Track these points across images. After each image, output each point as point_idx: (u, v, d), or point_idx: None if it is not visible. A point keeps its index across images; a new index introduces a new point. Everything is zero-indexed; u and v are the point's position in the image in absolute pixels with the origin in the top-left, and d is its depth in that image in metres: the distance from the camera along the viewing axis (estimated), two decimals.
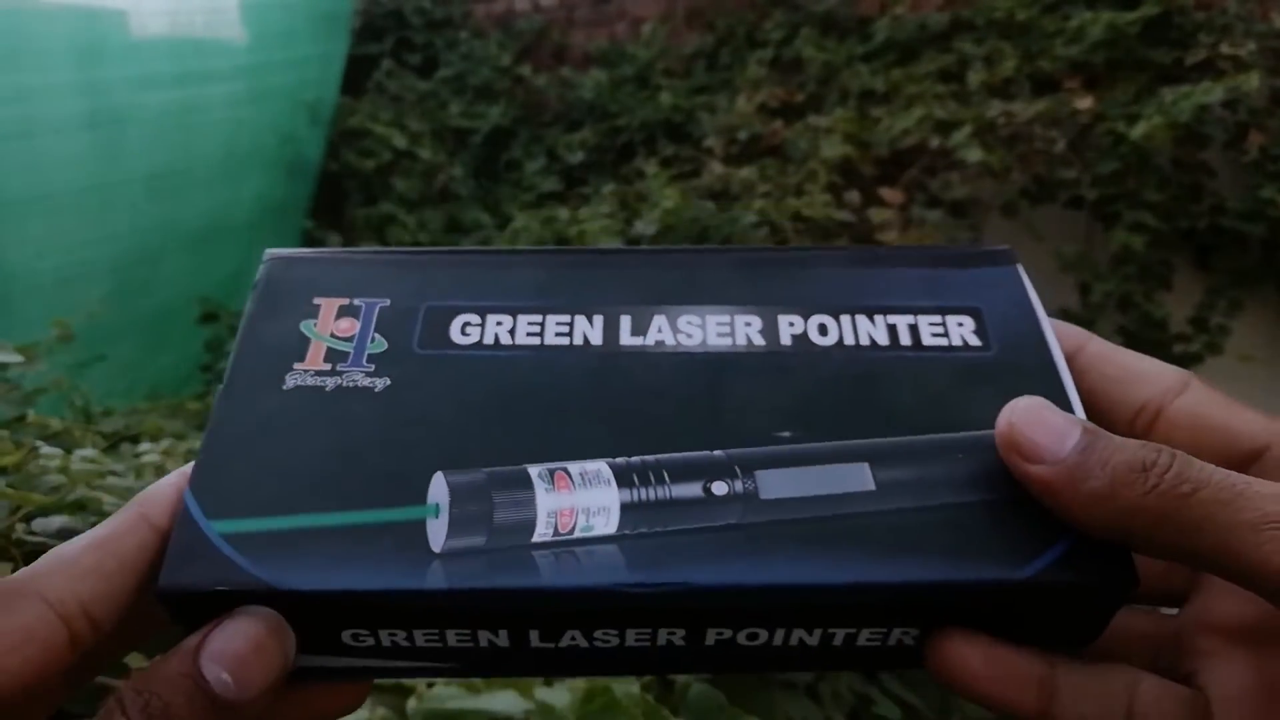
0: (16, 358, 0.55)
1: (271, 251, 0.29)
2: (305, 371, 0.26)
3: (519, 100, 2.96)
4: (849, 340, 0.26)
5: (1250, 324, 1.93)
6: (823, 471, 0.24)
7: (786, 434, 0.25)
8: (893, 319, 0.27)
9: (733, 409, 0.25)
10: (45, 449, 0.59)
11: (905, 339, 0.26)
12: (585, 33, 2.98)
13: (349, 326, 0.26)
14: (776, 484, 0.24)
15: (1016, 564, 0.22)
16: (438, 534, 0.22)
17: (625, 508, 0.23)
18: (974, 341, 0.26)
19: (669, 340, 0.26)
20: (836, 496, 0.24)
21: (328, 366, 0.26)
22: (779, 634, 0.24)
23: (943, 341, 0.26)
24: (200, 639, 0.20)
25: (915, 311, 0.27)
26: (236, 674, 0.20)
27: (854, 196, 2.06)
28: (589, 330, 0.26)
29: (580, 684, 0.57)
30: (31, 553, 0.51)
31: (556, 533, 0.22)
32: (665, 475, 0.23)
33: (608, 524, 0.23)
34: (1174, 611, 0.26)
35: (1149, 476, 0.21)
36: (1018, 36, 2.18)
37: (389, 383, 0.25)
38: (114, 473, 0.61)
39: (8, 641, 0.20)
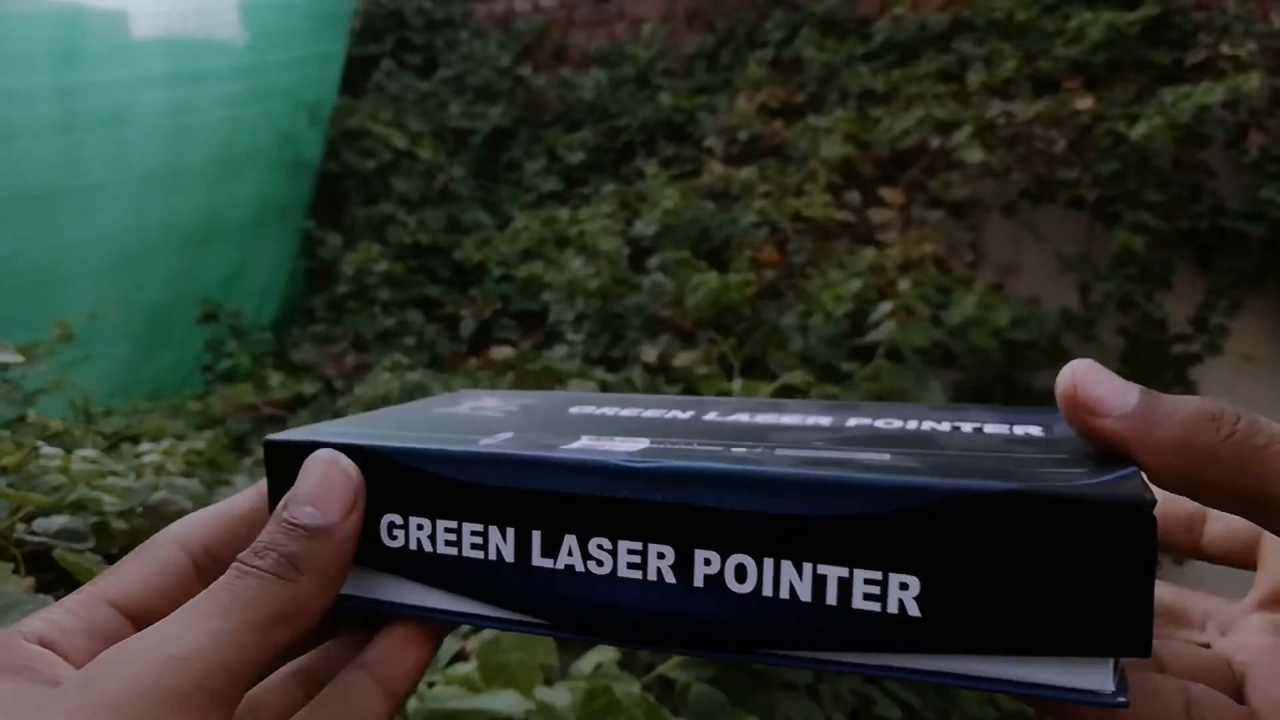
0: (17, 358, 0.55)
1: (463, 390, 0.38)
2: (448, 407, 0.33)
3: (519, 100, 2.96)
4: (911, 427, 0.28)
5: (1250, 324, 1.93)
6: (839, 452, 0.25)
7: (820, 442, 0.26)
8: (958, 423, 0.28)
9: (779, 437, 0.27)
10: (46, 449, 0.59)
11: (967, 429, 0.28)
12: (585, 33, 2.98)
13: (495, 404, 0.34)
14: (793, 453, 0.25)
15: (1016, 480, 0.22)
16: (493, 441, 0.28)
17: (652, 445, 0.26)
18: (1036, 433, 0.27)
19: (745, 419, 0.30)
20: (848, 459, 0.24)
21: (468, 409, 0.33)
22: (768, 572, 0.23)
23: (1005, 431, 0.27)
24: (285, 500, 0.25)
25: (981, 420, 0.29)
26: (317, 504, 0.25)
27: (854, 197, 2.07)
28: (679, 412, 0.32)
29: (581, 684, 0.57)
30: (31, 553, 0.51)
31: (586, 448, 0.26)
32: (693, 443, 0.27)
33: (633, 447, 0.26)
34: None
35: (1221, 425, 0.22)
36: (1018, 37, 2.18)
37: (518, 411, 0.31)
38: (114, 473, 0.61)
39: (151, 568, 0.26)
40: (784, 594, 0.23)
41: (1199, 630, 0.28)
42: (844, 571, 0.22)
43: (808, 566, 0.23)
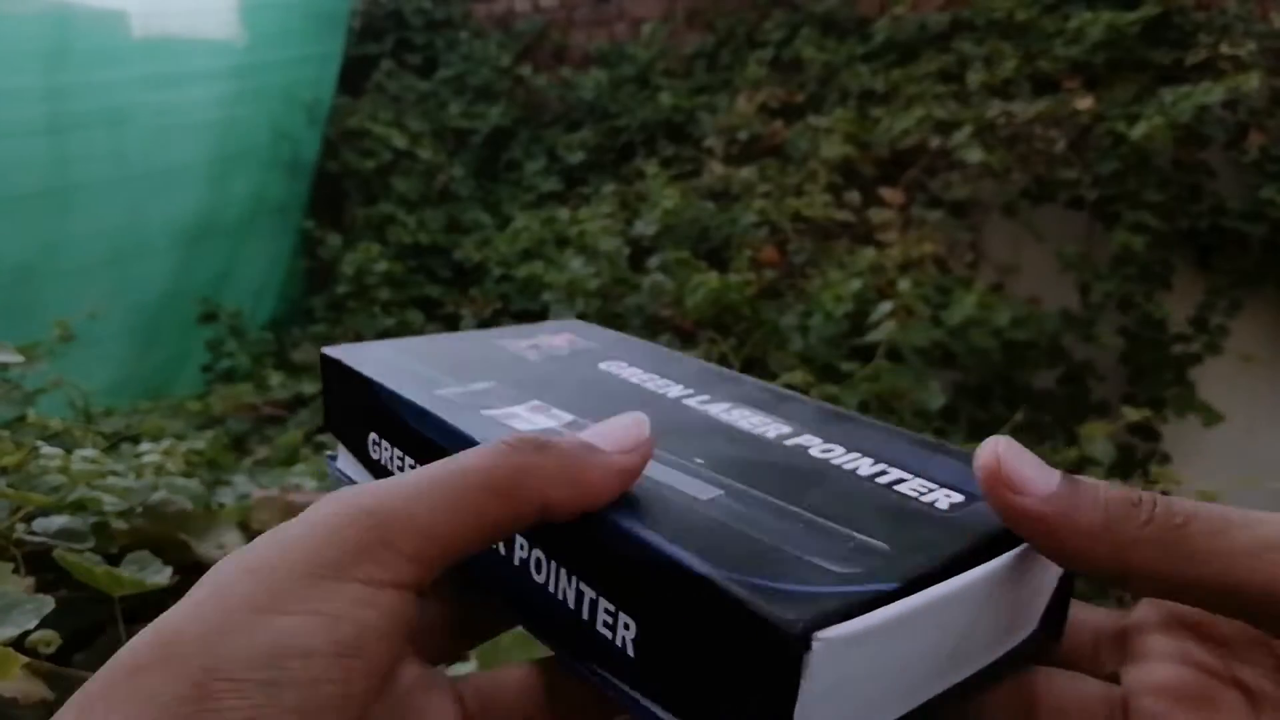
0: (17, 358, 0.55)
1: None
2: (517, 339, 0.38)
3: (519, 100, 2.96)
4: (834, 461, 0.28)
5: (1250, 324, 1.93)
6: (686, 476, 0.26)
7: (700, 459, 0.28)
8: (906, 475, 0.27)
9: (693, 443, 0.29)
10: (46, 449, 0.59)
11: (886, 480, 0.26)
12: (585, 33, 2.98)
13: (560, 344, 0.38)
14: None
15: (732, 571, 0.21)
16: None
17: (568, 423, 0.30)
18: (955, 499, 0.26)
19: (740, 423, 0.31)
20: (668, 486, 0.26)
21: (526, 346, 0.37)
22: (553, 572, 0.25)
23: (917, 493, 0.26)
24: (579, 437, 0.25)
25: (931, 474, 0.27)
26: (599, 432, 0.25)
27: (854, 196, 2.07)
28: (688, 391, 0.33)
29: None
30: (31, 553, 0.51)
31: (490, 418, 0.29)
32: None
33: (545, 422, 0.29)
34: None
35: (1141, 510, 0.22)
36: (1018, 37, 2.18)
37: (566, 354, 0.36)
38: (114, 473, 0.61)
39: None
40: (560, 596, 0.24)
41: (1089, 658, 0.26)
42: (593, 594, 0.24)
43: (574, 578, 0.24)
